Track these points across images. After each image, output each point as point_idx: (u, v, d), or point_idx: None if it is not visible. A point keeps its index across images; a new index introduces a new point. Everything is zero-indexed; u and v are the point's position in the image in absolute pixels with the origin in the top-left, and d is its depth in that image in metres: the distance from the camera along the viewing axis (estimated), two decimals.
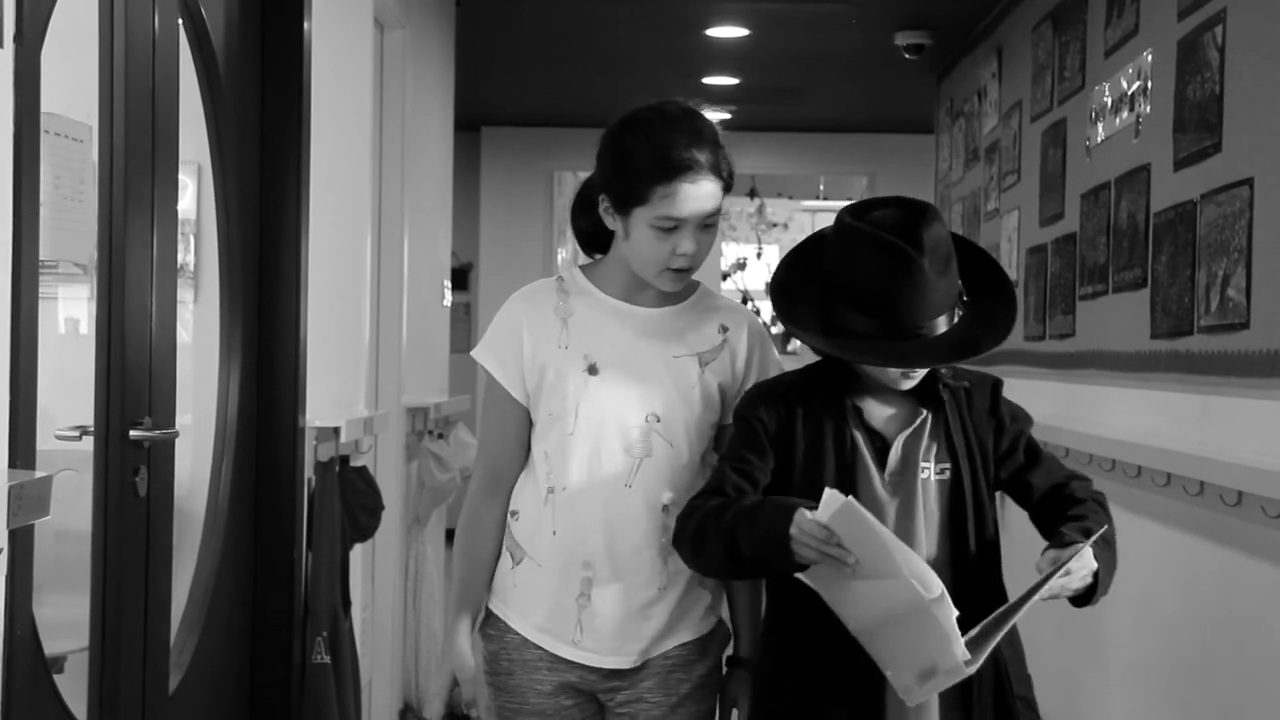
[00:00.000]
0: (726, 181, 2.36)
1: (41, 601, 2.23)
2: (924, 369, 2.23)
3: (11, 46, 2.07)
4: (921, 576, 2.01)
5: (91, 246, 2.57)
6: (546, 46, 7.10)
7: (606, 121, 2.41)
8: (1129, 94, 4.11)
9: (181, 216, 2.94)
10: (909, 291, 2.13)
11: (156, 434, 2.67)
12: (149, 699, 2.72)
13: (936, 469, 2.24)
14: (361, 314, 4.30)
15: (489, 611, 2.50)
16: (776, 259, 12.71)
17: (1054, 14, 5.02)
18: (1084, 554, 2.08)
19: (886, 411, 2.27)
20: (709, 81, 7.81)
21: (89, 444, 2.54)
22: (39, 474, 2.05)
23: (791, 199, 12.62)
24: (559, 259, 10.30)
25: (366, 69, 4.37)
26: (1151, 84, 3.91)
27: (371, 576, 4.69)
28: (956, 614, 2.01)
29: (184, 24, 2.91)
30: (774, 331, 11.16)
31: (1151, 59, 3.92)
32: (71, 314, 3.07)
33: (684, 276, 2.39)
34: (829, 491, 2.05)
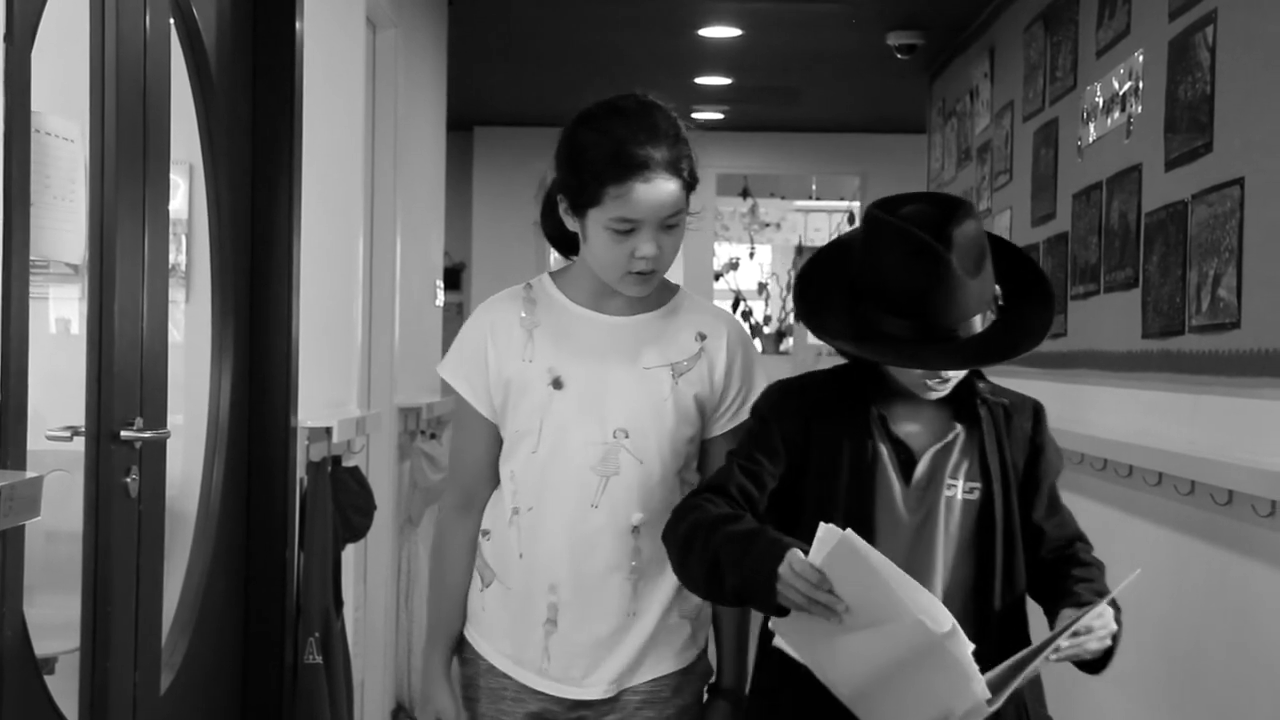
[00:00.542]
0: (687, 180, 2.20)
1: (32, 602, 2.22)
2: (954, 374, 2.09)
3: (2, 46, 2.07)
4: (930, 611, 1.87)
5: (82, 246, 2.56)
6: (539, 46, 7.10)
7: None
8: (1120, 94, 4.11)
9: (173, 216, 2.94)
10: (938, 290, 1.99)
11: (148, 434, 2.66)
12: (140, 700, 2.71)
13: (965, 488, 2.11)
14: (354, 314, 4.29)
15: (463, 636, 2.38)
16: (769, 259, 12.70)
17: (1046, 14, 5.02)
18: (1105, 613, 1.99)
19: (916, 423, 2.14)
20: (701, 81, 7.82)
21: (80, 444, 2.53)
22: (30, 474, 2.04)
23: (784, 199, 12.63)
24: (551, 259, 10.27)
25: (359, 68, 4.37)
26: (1143, 84, 3.91)
27: (364, 577, 4.68)
28: (972, 647, 1.88)
29: (175, 23, 2.91)
30: (766, 332, 11.17)
31: (1143, 59, 3.92)
32: (62, 314, 3.07)
33: (649, 280, 2.24)
34: (824, 526, 1.90)
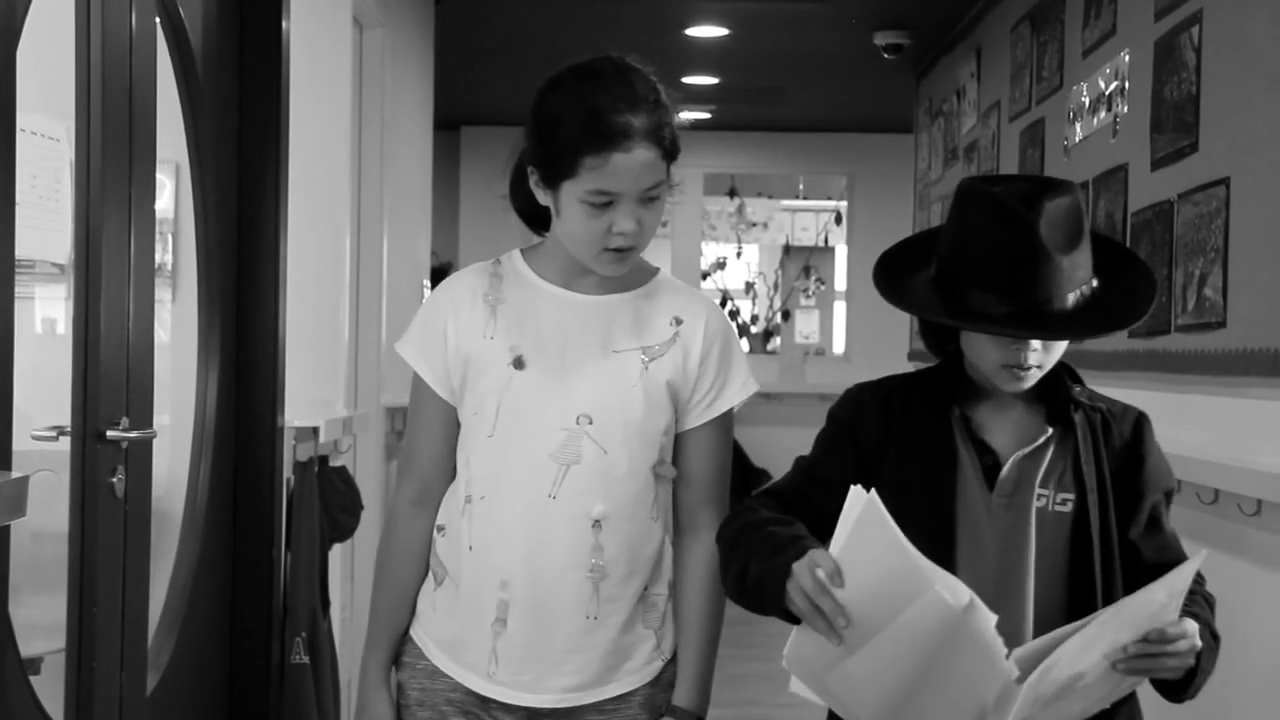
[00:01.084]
0: (669, 149, 2.02)
1: (18, 602, 2.22)
2: (1039, 361, 1.92)
3: None
4: (948, 584, 1.70)
5: (68, 246, 2.56)
6: (526, 46, 7.10)
7: None
8: (1106, 94, 4.12)
9: (159, 216, 2.93)
10: (1026, 264, 1.84)
11: (134, 434, 2.65)
12: (126, 700, 2.71)
13: (1057, 498, 1.94)
14: (340, 313, 4.29)
15: (408, 636, 2.18)
16: (756, 259, 12.66)
17: (1032, 14, 5.03)
18: (1185, 625, 1.78)
19: (1003, 426, 1.97)
20: (689, 81, 7.82)
21: (66, 444, 2.53)
22: (15, 475, 2.04)
23: (771, 198, 12.63)
24: None
25: (345, 68, 4.36)
26: (1129, 84, 3.92)
27: (351, 577, 4.68)
28: (995, 619, 1.69)
29: (161, 22, 2.90)
30: (754, 331, 11.16)
31: (1129, 59, 3.93)
32: (48, 314, 3.06)
33: (626, 258, 2.06)
34: (854, 489, 1.73)
